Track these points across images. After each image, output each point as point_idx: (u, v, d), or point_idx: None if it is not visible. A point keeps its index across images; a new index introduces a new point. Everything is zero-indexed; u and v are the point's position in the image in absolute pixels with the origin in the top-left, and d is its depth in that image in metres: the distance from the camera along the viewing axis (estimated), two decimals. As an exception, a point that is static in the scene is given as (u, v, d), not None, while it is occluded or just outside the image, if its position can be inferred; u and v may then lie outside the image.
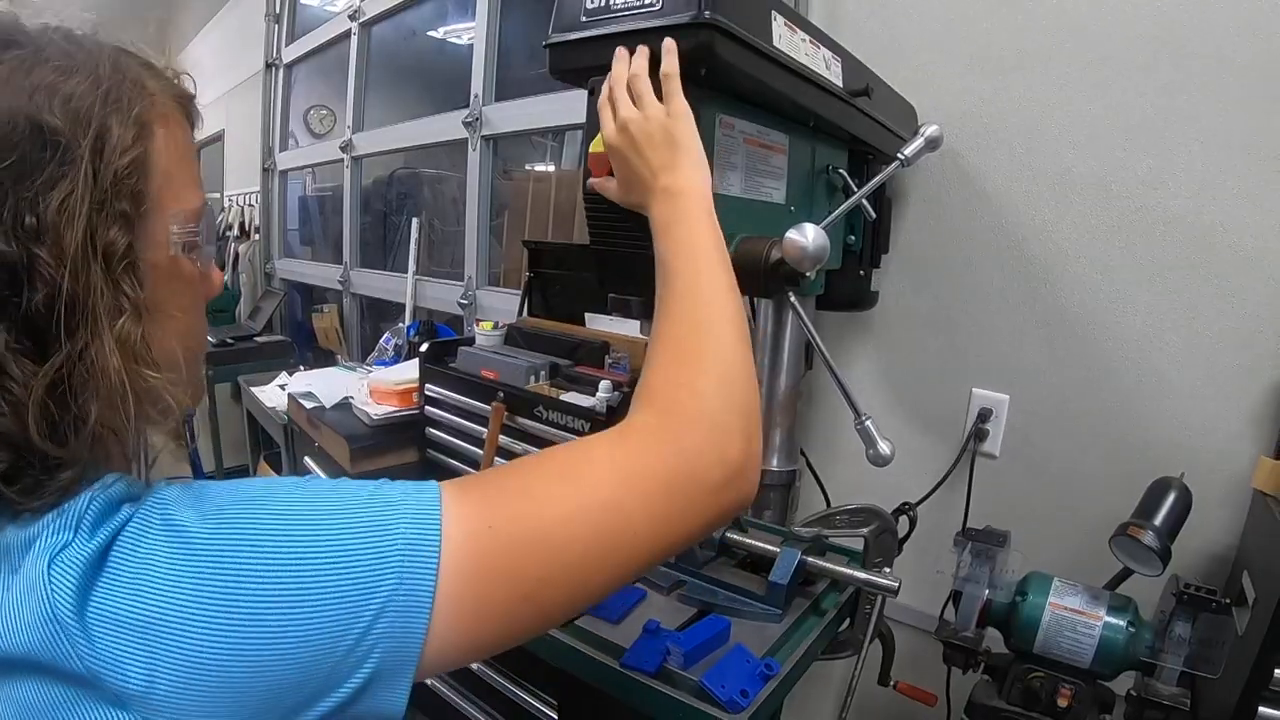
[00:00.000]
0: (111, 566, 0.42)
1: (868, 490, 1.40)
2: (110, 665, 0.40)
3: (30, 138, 0.44)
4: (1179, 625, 0.90)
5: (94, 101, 0.47)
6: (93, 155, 0.46)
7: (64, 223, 0.44)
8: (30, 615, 0.41)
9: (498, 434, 1.65)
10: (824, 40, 0.92)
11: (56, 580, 0.41)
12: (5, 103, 0.44)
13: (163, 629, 0.41)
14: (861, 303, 1.34)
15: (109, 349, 0.45)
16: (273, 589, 0.42)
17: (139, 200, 0.49)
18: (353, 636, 0.43)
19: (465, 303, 2.38)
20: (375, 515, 0.46)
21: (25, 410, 0.43)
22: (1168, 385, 1.13)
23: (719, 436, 0.55)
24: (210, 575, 0.42)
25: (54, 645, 0.40)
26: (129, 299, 0.47)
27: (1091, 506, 1.21)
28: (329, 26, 3.15)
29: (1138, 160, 1.13)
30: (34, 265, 0.43)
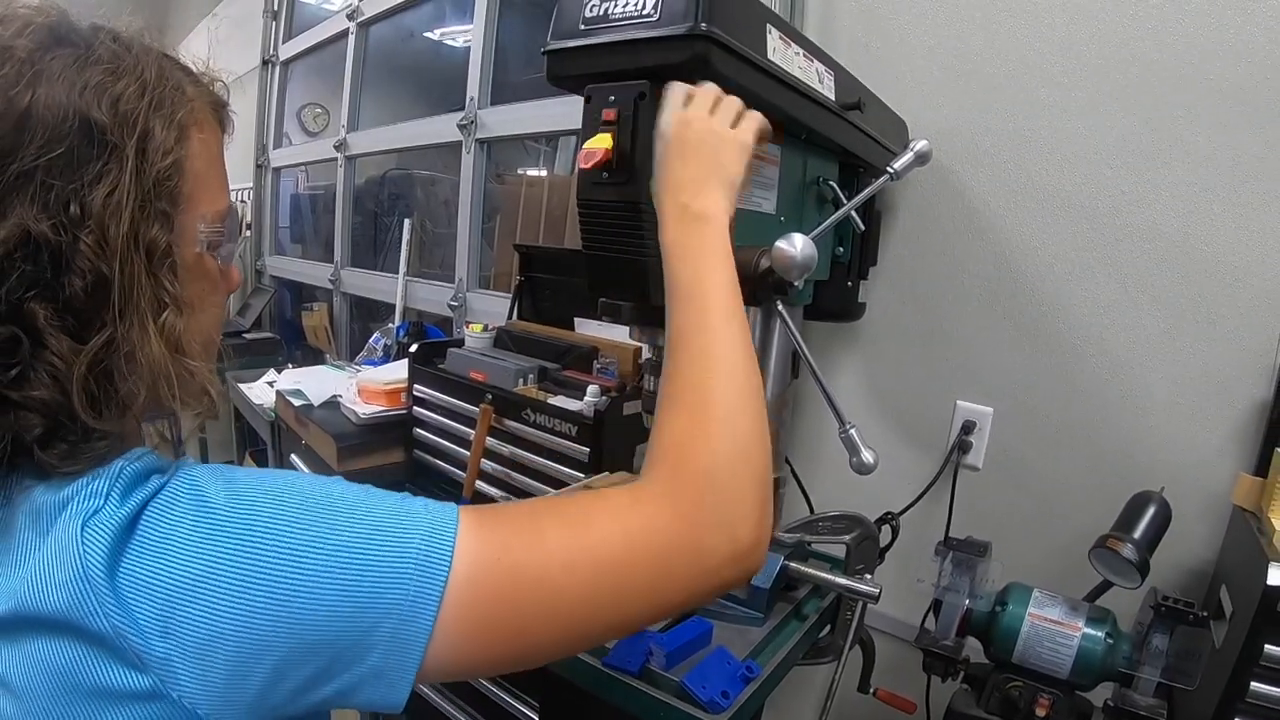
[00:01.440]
0: (141, 532, 0.45)
1: (851, 499, 1.40)
2: (134, 625, 0.43)
3: (79, 132, 0.47)
4: (1157, 637, 0.91)
5: (140, 104, 0.50)
6: (137, 155, 0.49)
7: (108, 216, 0.47)
8: (63, 574, 0.43)
9: (485, 436, 1.65)
10: (817, 54, 0.93)
11: (90, 542, 0.43)
12: (58, 97, 0.47)
13: (185, 594, 0.43)
14: (849, 314, 1.35)
15: (154, 339, 0.49)
16: (290, 572, 0.45)
17: (176, 200, 0.52)
18: (360, 629, 0.46)
19: (455, 304, 2.39)
20: (396, 521, 0.48)
21: (68, 383, 0.46)
22: (1150, 400, 1.15)
23: (729, 513, 0.55)
24: (232, 549, 0.45)
25: (83, 603, 0.43)
26: (169, 294, 0.51)
27: (1072, 519, 1.22)
28: (326, 25, 3.15)
29: (1123, 178, 1.15)
30: (75, 252, 0.46)
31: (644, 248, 0.79)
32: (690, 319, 0.63)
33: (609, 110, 0.77)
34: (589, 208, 0.81)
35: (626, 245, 0.80)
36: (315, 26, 3.26)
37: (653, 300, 0.82)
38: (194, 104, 0.55)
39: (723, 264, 0.65)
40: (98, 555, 0.43)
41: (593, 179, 0.79)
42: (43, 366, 0.46)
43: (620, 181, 0.77)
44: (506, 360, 1.75)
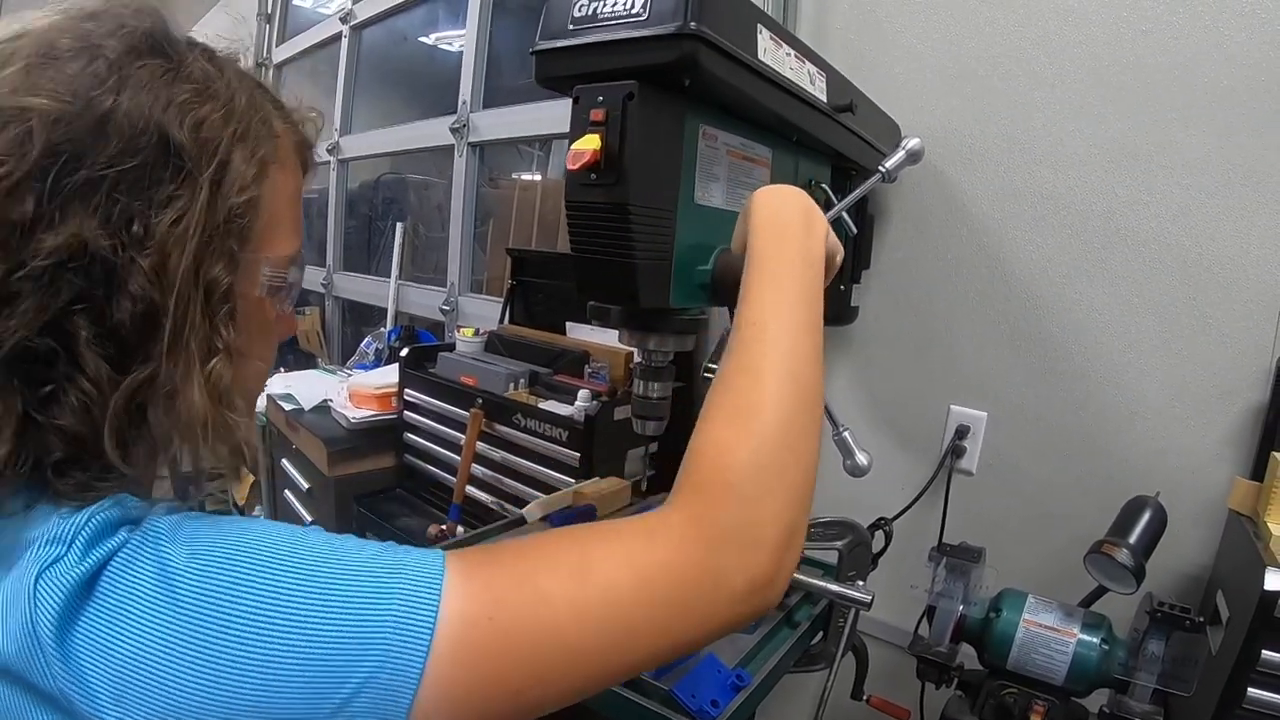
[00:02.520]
0: (99, 595, 0.41)
1: (844, 504, 1.39)
2: (85, 690, 0.39)
3: (156, 149, 0.45)
4: (1153, 643, 0.90)
5: (224, 132, 0.48)
6: (212, 185, 0.46)
7: (172, 243, 0.45)
8: (14, 623, 0.40)
9: (475, 440, 1.65)
10: (809, 55, 0.93)
11: (42, 597, 0.40)
12: (141, 108, 0.45)
13: (142, 665, 0.39)
14: (842, 317, 1.34)
15: (198, 385, 0.46)
16: (256, 641, 0.41)
17: (245, 239, 0.49)
18: (333, 704, 0.41)
19: (447, 309, 2.38)
20: (374, 580, 0.44)
21: (99, 415, 0.44)
22: (1145, 405, 1.14)
23: (753, 539, 0.50)
24: (193, 617, 0.40)
25: (30, 659, 0.39)
26: (222, 338, 0.48)
27: (1067, 524, 1.21)
28: (320, 28, 3.15)
29: (1117, 182, 1.14)
30: (130, 274, 0.44)
31: (633, 250, 0.78)
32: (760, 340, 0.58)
33: (597, 110, 0.76)
34: (577, 209, 0.80)
35: (615, 247, 0.79)
36: (309, 30, 3.26)
37: (641, 303, 0.82)
38: (280, 140, 0.53)
39: (813, 285, 0.62)
40: (49, 614, 0.39)
41: (581, 180, 0.78)
42: (74, 391, 0.43)
43: (609, 183, 0.76)
44: (497, 365, 1.74)
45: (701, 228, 0.86)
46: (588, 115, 0.77)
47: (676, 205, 0.82)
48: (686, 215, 0.84)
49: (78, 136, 0.43)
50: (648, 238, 0.79)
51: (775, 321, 0.58)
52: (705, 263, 0.88)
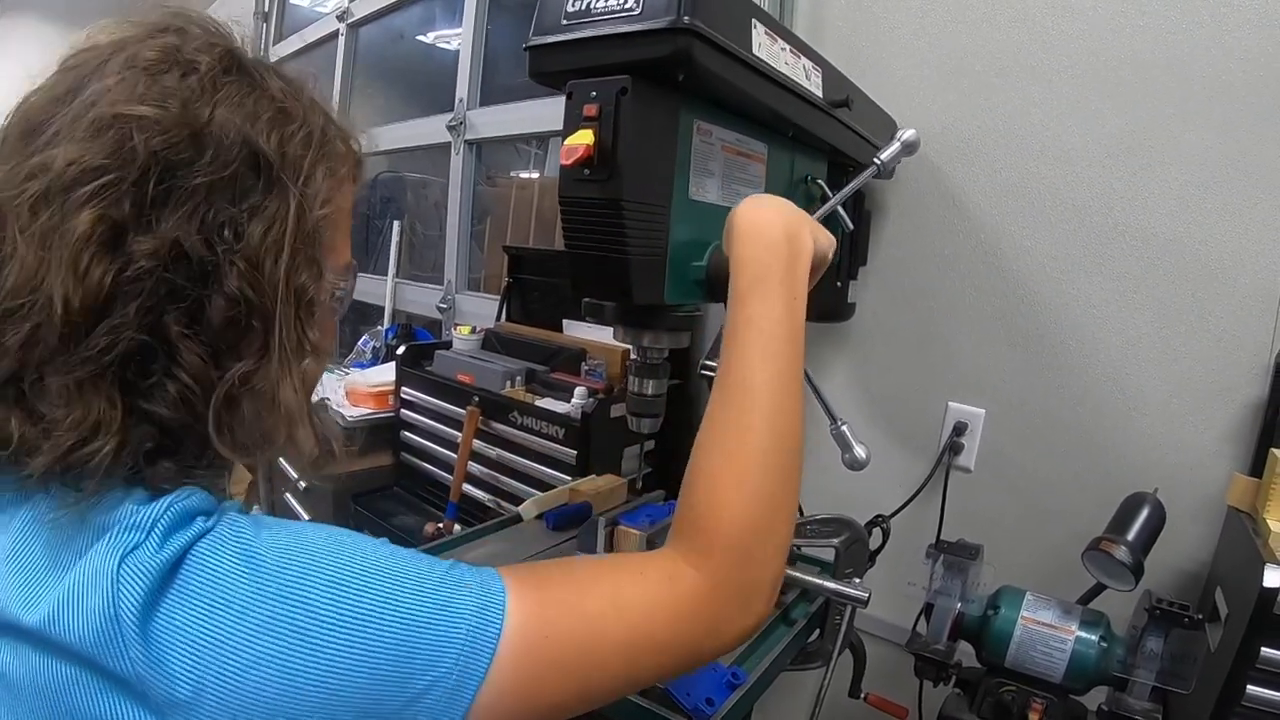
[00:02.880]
0: (183, 580, 0.43)
1: (842, 501, 1.39)
2: (163, 673, 0.41)
3: (246, 161, 0.48)
4: (1151, 640, 0.89)
5: (307, 150, 0.52)
6: (299, 198, 0.50)
7: (265, 250, 0.48)
8: (92, 606, 0.41)
9: (472, 438, 1.64)
10: (805, 50, 0.92)
11: (126, 582, 0.41)
12: (233, 121, 0.48)
13: (224, 650, 0.41)
14: (838, 314, 1.33)
15: (292, 382, 0.50)
16: (338, 640, 0.43)
17: (324, 249, 0.53)
18: (402, 700, 0.44)
19: (444, 307, 2.37)
20: (447, 595, 0.47)
21: (200, 406, 0.47)
22: (1143, 401, 1.14)
23: (754, 594, 0.57)
24: (280, 610, 0.43)
25: (108, 642, 0.41)
26: (310, 342, 0.52)
27: (1065, 521, 1.21)
28: (317, 26, 3.14)
29: (1115, 177, 1.13)
30: (225, 275, 0.47)
31: (626, 246, 0.77)
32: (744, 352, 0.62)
33: (590, 106, 0.76)
34: (570, 205, 0.80)
35: (609, 243, 0.78)
36: (306, 28, 3.25)
37: (635, 299, 0.81)
38: (348, 158, 0.58)
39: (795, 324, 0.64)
40: (133, 599, 0.41)
41: (574, 176, 0.78)
42: (174, 385, 0.46)
43: (602, 178, 0.76)
44: (494, 362, 1.74)
45: (696, 224, 0.86)
46: (581, 110, 0.77)
47: (671, 201, 0.82)
48: (681, 211, 0.83)
49: (176, 145, 0.46)
50: (642, 233, 0.79)
51: (762, 380, 0.61)
52: (700, 259, 0.87)
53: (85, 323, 0.44)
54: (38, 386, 0.44)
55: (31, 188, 0.45)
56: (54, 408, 0.44)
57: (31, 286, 0.44)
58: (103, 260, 0.44)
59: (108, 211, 0.44)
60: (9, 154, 0.47)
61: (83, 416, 0.44)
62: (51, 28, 4.89)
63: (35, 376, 0.44)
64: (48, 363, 0.44)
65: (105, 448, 0.44)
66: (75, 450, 0.44)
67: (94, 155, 0.44)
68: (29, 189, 0.45)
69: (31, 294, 0.44)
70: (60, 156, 0.44)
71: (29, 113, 0.48)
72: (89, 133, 0.45)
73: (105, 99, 0.46)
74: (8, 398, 0.45)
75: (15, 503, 0.46)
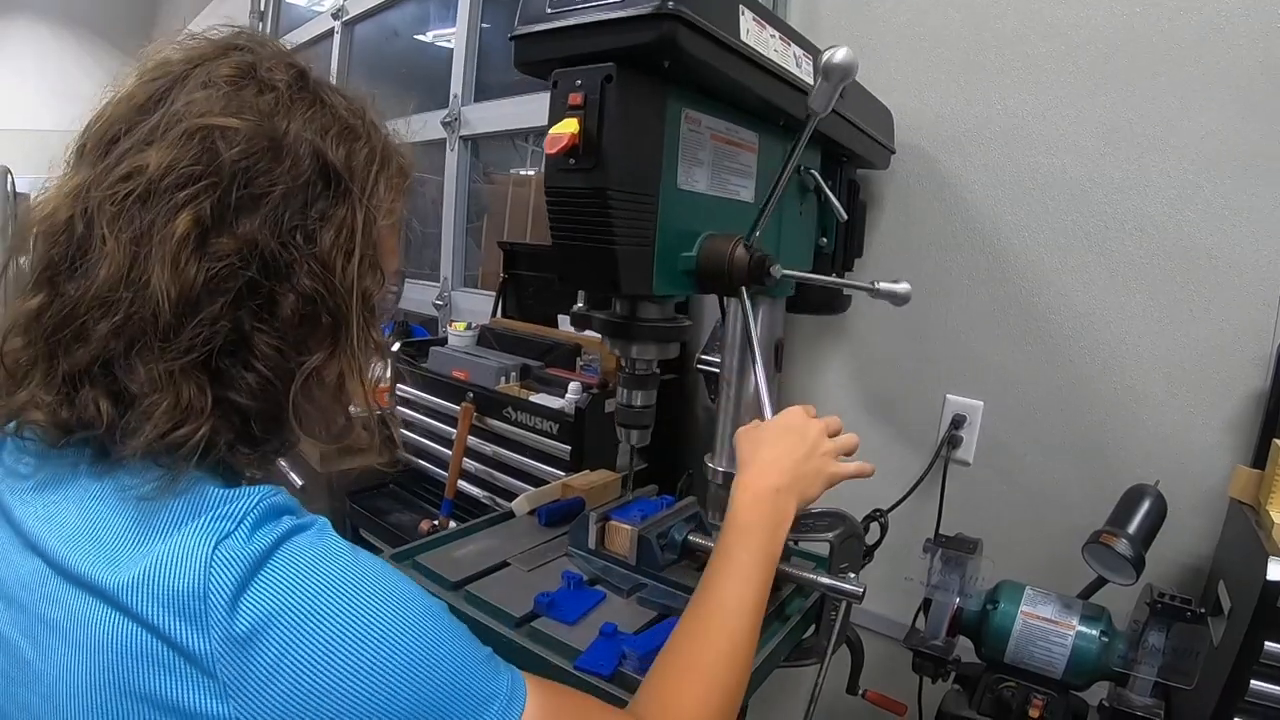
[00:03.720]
0: (275, 568, 0.46)
1: (839, 496, 1.37)
2: (239, 655, 0.43)
3: (317, 172, 0.52)
4: (1153, 635, 0.88)
5: (372, 165, 0.56)
6: (366, 209, 0.55)
7: (335, 254, 0.52)
8: (179, 582, 0.44)
9: (466, 435, 1.63)
10: (795, 38, 0.91)
11: (218, 566, 0.44)
12: (306, 134, 0.52)
13: (302, 646, 0.44)
14: (833, 306, 1.32)
15: (359, 376, 0.55)
16: (398, 672, 0.46)
17: (385, 257, 0.58)
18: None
19: (441, 303, 2.36)
20: (487, 672, 0.51)
21: (280, 397, 0.51)
22: (1144, 392, 1.12)
23: None
24: (359, 626, 0.46)
25: (190, 619, 0.43)
26: (375, 341, 0.57)
27: (1066, 514, 1.19)
28: (312, 25, 3.12)
29: (1114, 166, 1.12)
30: (297, 274, 0.51)
31: (613, 236, 0.76)
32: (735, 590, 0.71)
33: (575, 94, 0.75)
34: (556, 196, 0.79)
35: (595, 234, 0.77)
36: (301, 26, 3.24)
37: (623, 290, 0.80)
38: (402, 172, 0.62)
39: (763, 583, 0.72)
40: (226, 577, 0.44)
41: (559, 166, 0.77)
42: (253, 375, 0.50)
43: (587, 168, 0.75)
44: (489, 358, 1.72)
45: (685, 213, 0.84)
46: (566, 99, 0.75)
47: (659, 190, 0.80)
48: (669, 200, 0.82)
49: (256, 154, 0.50)
50: (628, 223, 0.77)
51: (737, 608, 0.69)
52: (690, 249, 0.86)
53: (182, 315, 0.47)
54: (127, 372, 0.48)
55: (124, 189, 0.48)
56: (148, 393, 0.47)
57: (126, 281, 0.47)
58: (196, 258, 0.48)
59: (200, 214, 0.48)
60: (92, 158, 0.51)
61: (176, 401, 0.47)
62: (46, 28, 4.89)
63: (124, 363, 0.48)
64: (139, 351, 0.48)
65: (200, 430, 0.48)
66: (172, 432, 0.47)
67: (186, 162, 0.48)
68: (121, 190, 0.48)
69: (126, 288, 0.47)
70: (153, 162, 0.48)
71: (112, 120, 0.52)
72: (179, 140, 0.49)
73: (192, 110, 0.50)
74: (94, 381, 0.48)
75: (84, 478, 0.50)
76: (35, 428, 0.50)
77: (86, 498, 0.49)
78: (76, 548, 0.46)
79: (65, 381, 0.49)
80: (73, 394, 0.49)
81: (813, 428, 0.80)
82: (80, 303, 0.48)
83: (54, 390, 0.49)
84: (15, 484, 0.51)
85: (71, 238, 0.49)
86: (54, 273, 0.50)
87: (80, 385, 0.48)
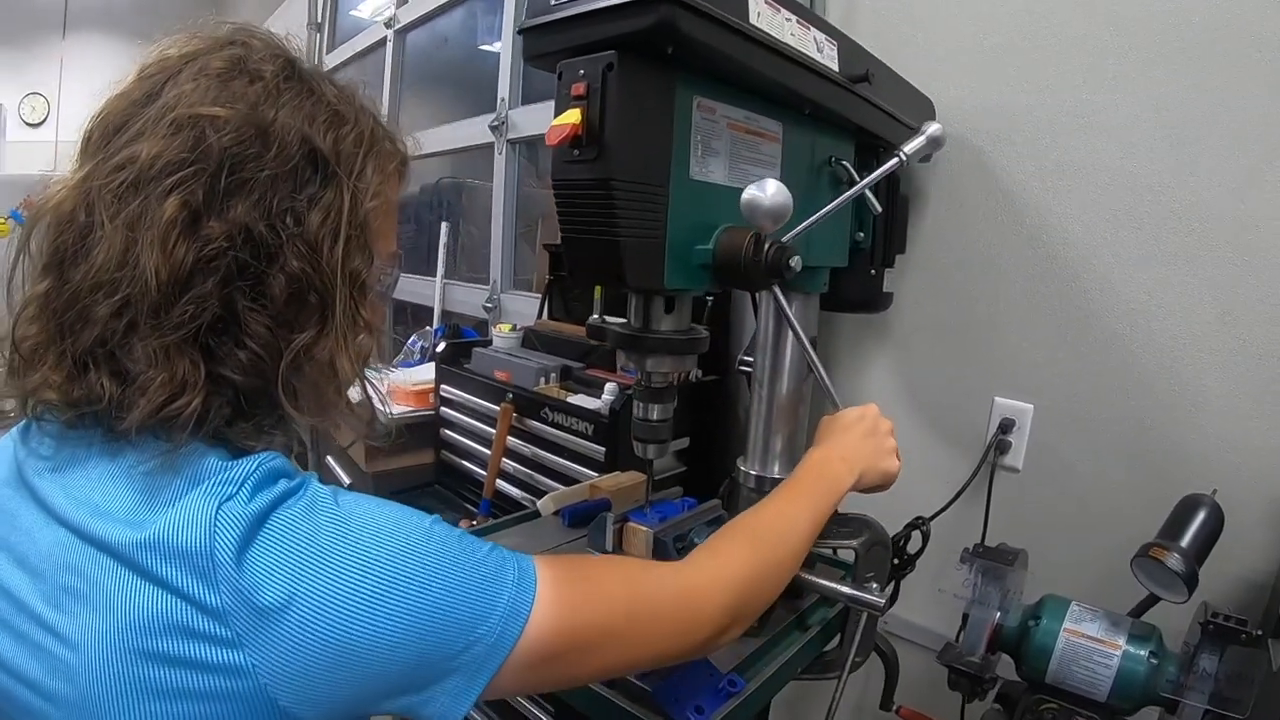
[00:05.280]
0: (271, 528, 0.49)
1: (879, 502, 1.32)
2: (246, 604, 0.47)
3: (305, 157, 0.55)
4: (1205, 658, 0.81)
5: (359, 149, 0.59)
6: (353, 191, 0.57)
7: (323, 236, 0.55)
8: (188, 543, 0.47)
9: (505, 435, 1.63)
10: (815, 21, 0.87)
11: (222, 525, 0.48)
12: (294, 122, 0.55)
13: (306, 589, 0.48)
14: (873, 304, 1.27)
15: (347, 354, 0.57)
16: (403, 595, 0.50)
17: (373, 237, 0.60)
18: (444, 656, 0.51)
19: (490, 306, 2.38)
20: (491, 570, 0.54)
21: (270, 373, 0.54)
22: (1203, 394, 1.04)
23: (723, 615, 0.65)
24: (358, 562, 0.49)
25: (200, 575, 0.47)
26: (363, 319, 0.59)
27: (1120, 525, 1.11)
28: (366, 34, 3.21)
29: (1169, 152, 1.04)
30: (287, 255, 0.53)
31: (617, 227, 0.74)
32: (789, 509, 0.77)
33: (578, 85, 0.73)
34: (563, 188, 0.77)
35: (600, 226, 0.75)
36: (356, 36, 3.33)
37: (629, 283, 0.78)
38: (395, 158, 0.64)
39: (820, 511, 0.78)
40: (229, 535, 0.47)
41: (564, 158, 0.76)
42: (245, 352, 0.53)
43: (590, 158, 0.73)
44: (529, 359, 1.73)
45: (700, 205, 0.82)
46: (569, 90, 0.74)
47: (669, 181, 0.78)
48: (681, 191, 0.79)
49: (245, 142, 0.52)
50: (635, 215, 0.75)
51: (787, 528, 0.75)
52: (706, 241, 0.83)
53: (172, 294, 0.50)
54: (126, 351, 0.51)
55: (119, 178, 0.51)
56: (144, 369, 0.50)
57: (121, 263, 0.50)
58: (185, 240, 0.50)
59: (189, 198, 0.51)
60: (93, 151, 0.54)
61: (170, 376, 0.50)
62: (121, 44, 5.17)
63: (123, 342, 0.51)
64: (136, 330, 0.51)
65: (192, 403, 0.50)
66: (166, 406, 0.50)
67: (175, 150, 0.51)
68: (117, 179, 0.51)
69: (121, 269, 0.50)
70: (145, 151, 0.51)
71: (109, 115, 0.55)
72: (169, 130, 0.52)
73: (182, 102, 0.53)
74: (98, 361, 0.51)
75: (97, 457, 0.53)
76: (49, 407, 0.54)
77: (101, 475, 0.52)
78: (95, 517, 0.50)
79: (74, 362, 0.52)
80: (80, 374, 0.52)
81: (883, 424, 0.87)
82: (83, 286, 0.51)
83: (64, 371, 0.52)
84: (37, 464, 0.55)
85: (75, 226, 0.52)
86: (61, 259, 0.53)
87: (87, 366, 0.52)
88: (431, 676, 0.51)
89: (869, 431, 0.85)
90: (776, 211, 0.74)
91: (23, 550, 0.53)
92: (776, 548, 0.72)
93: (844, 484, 0.80)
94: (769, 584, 0.71)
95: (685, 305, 0.89)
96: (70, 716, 0.49)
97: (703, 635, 0.64)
